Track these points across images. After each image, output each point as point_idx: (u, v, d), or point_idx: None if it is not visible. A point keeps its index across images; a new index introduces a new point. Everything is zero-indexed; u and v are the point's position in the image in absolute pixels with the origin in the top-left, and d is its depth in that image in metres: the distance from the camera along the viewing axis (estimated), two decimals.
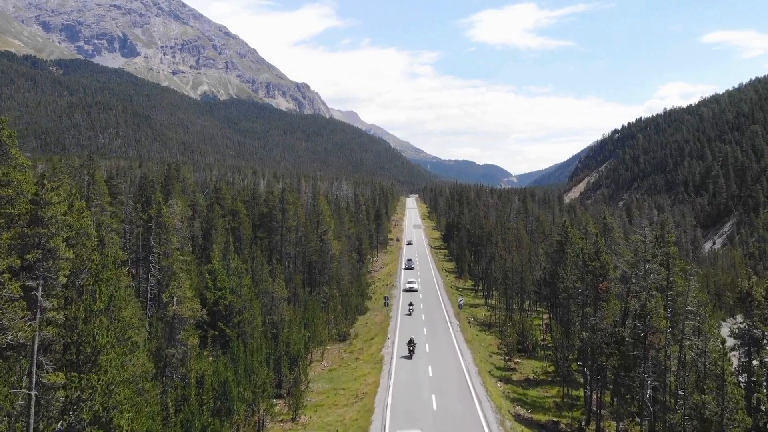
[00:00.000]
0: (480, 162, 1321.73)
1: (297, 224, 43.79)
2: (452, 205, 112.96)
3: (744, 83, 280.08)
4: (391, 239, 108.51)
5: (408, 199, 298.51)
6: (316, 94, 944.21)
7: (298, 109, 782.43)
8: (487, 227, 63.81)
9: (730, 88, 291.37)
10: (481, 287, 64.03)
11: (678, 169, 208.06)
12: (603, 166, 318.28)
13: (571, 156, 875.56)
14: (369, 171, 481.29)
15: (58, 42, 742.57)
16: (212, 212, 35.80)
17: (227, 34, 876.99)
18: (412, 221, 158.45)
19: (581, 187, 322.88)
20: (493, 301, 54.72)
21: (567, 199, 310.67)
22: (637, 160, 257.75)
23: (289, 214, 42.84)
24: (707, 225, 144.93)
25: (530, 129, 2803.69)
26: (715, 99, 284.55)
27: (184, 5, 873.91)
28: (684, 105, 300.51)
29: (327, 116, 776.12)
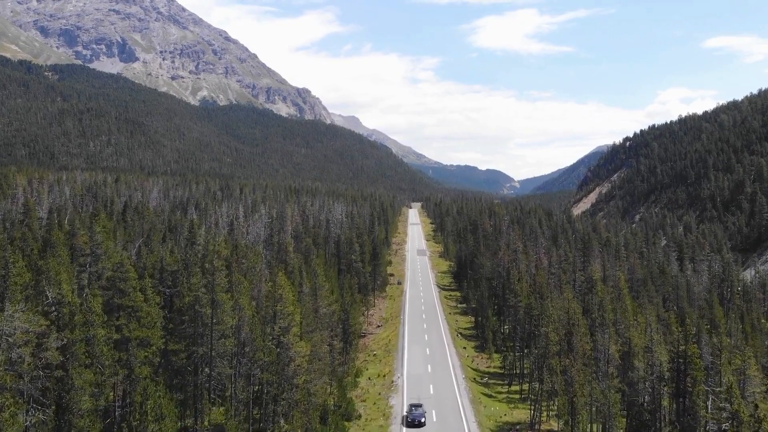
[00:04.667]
0: (482, 167, 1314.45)
1: (239, 322, 28.94)
2: (463, 236, 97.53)
3: (763, 89, 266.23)
4: (391, 275, 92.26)
5: (410, 211, 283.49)
6: (317, 99, 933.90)
7: (298, 115, 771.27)
8: (521, 291, 48.23)
9: (749, 94, 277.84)
10: (515, 370, 46.43)
11: (702, 182, 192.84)
12: (615, 175, 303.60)
13: (576, 160, 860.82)
14: (370, 178, 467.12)
15: (56, 47, 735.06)
16: (74, 329, 21.05)
17: (227, 38, 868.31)
18: (416, 245, 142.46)
19: (592, 197, 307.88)
20: (546, 418, 36.46)
21: (577, 211, 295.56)
22: (654, 170, 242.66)
23: (225, 308, 27.89)
24: (746, 249, 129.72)
25: (531, 134, 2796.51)
26: (735, 105, 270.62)
27: (183, 10, 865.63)
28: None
29: (328, 121, 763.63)
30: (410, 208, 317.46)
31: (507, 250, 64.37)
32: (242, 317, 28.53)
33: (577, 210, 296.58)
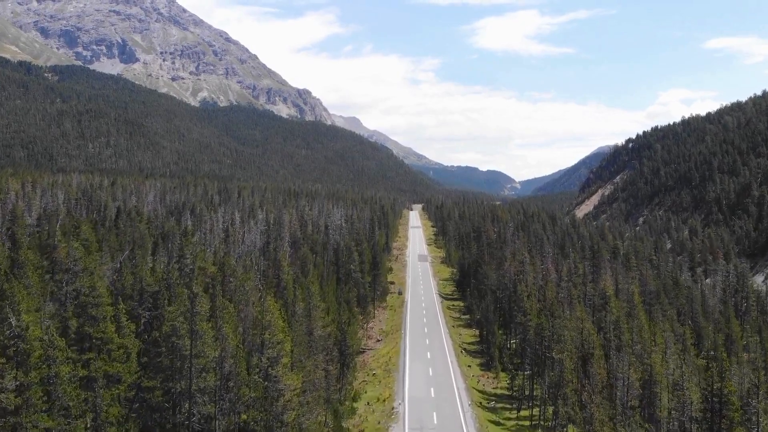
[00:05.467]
0: (483, 168, 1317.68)
1: (222, 353, 26.17)
2: (466, 243, 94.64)
3: (767, 90, 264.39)
4: (392, 283, 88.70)
5: (411, 213, 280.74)
6: (318, 100, 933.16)
7: (299, 116, 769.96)
8: (530, 309, 45.42)
9: (752, 95, 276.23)
10: (524, 392, 43.03)
11: (707, 184, 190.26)
12: (618, 177, 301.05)
13: (576, 161, 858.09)
14: (371, 179, 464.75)
15: (57, 48, 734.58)
16: (29, 371, 18.60)
17: (228, 39, 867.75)
18: (417, 249, 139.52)
19: (595, 199, 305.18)
20: None
21: (580, 213, 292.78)
22: (657, 172, 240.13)
23: (206, 339, 25.24)
24: (754, 254, 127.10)
25: (532, 134, 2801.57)
26: (739, 107, 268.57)
27: (184, 11, 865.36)
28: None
29: (328, 123, 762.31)
30: (411, 210, 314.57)
31: (513, 261, 61.54)
32: (226, 348, 25.93)
33: (580, 212, 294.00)
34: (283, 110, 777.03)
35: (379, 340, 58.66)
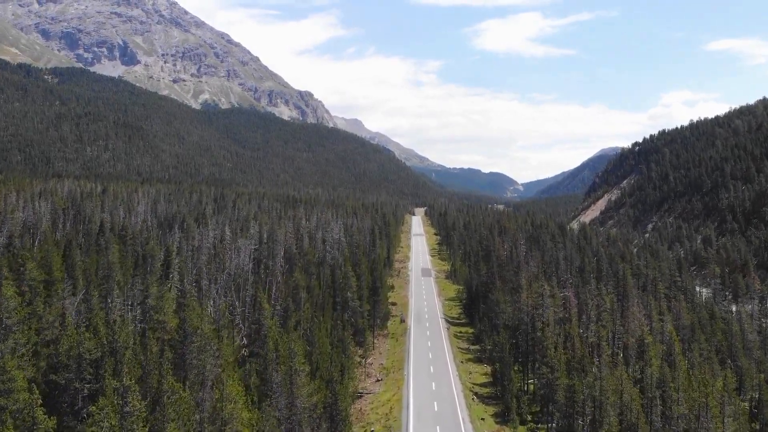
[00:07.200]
0: (485, 170, 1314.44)
1: None
2: (474, 261, 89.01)
3: None
4: (393, 304, 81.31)
5: (413, 219, 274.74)
6: (320, 102, 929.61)
7: (301, 118, 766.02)
8: (558, 364, 39.39)
9: (762, 98, 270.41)
10: None
11: (719, 191, 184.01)
12: (625, 182, 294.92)
13: (579, 164, 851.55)
14: (372, 182, 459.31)
15: (57, 50, 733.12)
16: None
17: (229, 41, 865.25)
18: (420, 262, 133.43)
19: (601, 204, 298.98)
20: None
21: (586, 219, 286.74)
22: (666, 177, 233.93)
23: None
24: None
25: (534, 136, 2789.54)
26: (749, 110, 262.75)
27: (186, 13, 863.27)
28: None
29: (330, 124, 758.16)
30: (413, 214, 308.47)
31: (530, 292, 55.40)
32: None
33: (586, 217, 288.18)
34: (285, 112, 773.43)
35: (379, 380, 52.77)
